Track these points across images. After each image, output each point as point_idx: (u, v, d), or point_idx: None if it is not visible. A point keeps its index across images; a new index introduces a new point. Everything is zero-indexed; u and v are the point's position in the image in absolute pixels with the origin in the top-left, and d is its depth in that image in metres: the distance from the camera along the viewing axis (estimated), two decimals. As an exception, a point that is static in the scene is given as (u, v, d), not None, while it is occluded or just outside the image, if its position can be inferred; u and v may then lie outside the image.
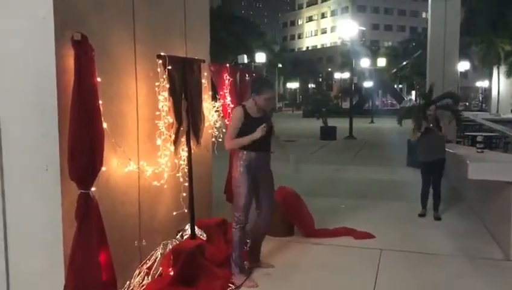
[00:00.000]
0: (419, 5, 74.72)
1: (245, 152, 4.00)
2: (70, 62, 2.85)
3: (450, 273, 4.42)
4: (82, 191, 2.84)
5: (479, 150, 5.99)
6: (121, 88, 3.59)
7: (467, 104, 46.20)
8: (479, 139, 6.42)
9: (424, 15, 63.27)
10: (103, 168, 3.01)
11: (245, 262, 4.27)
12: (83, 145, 2.78)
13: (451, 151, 6.53)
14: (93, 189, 2.89)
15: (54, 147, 2.87)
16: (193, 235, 4.33)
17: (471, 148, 6.54)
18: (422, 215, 6.35)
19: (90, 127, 2.82)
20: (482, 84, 48.95)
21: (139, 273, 3.75)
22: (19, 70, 2.93)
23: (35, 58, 2.88)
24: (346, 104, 34.26)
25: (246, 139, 3.94)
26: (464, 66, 31.83)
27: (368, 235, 5.41)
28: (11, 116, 2.97)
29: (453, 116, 8.10)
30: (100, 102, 2.93)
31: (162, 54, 3.94)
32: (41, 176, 2.92)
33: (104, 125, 2.99)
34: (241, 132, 3.96)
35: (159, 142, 3.97)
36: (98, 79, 2.94)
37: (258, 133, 3.89)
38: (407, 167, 10.69)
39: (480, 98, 53.07)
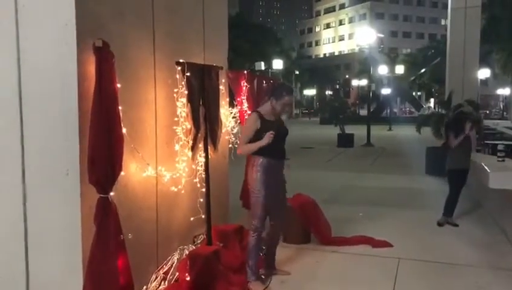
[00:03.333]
0: (438, 12, 74.22)
1: (260, 159, 3.99)
2: (91, 68, 2.89)
3: (470, 284, 4.33)
4: (101, 195, 2.87)
5: (500, 159, 5.88)
6: (140, 94, 3.63)
7: (487, 112, 45.46)
8: (500, 147, 6.31)
9: (443, 22, 62.74)
10: (122, 173, 3.04)
11: (260, 270, 4.25)
12: (102, 150, 2.81)
13: (471, 160, 6.43)
14: (112, 193, 2.92)
15: (74, 151, 2.91)
16: (209, 241, 4.33)
17: (491, 157, 6.44)
18: (441, 224, 6.24)
19: (110, 132, 2.86)
20: (502, 92, 48.21)
21: (156, 278, 3.77)
22: (42, 76, 2.99)
23: (57, 65, 2.93)
24: (363, 112, 34.07)
25: (254, 146, 3.94)
26: (484, 73, 31.38)
27: (385, 244, 5.35)
28: (33, 121, 3.02)
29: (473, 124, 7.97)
30: (120, 108, 2.97)
31: (181, 60, 3.98)
32: (61, 180, 2.96)
33: (124, 130, 3.02)
34: (259, 137, 3.95)
35: (177, 147, 4.00)
36: (118, 85, 2.98)
37: (265, 140, 3.88)
38: (425, 175, 10.58)
39: (501, 106, 52.21)
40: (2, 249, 3.15)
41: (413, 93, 49.18)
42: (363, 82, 47.63)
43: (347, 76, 64.28)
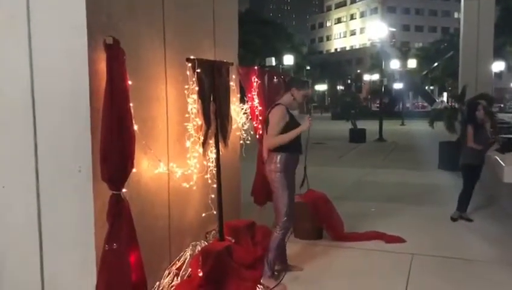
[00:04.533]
0: (451, 4, 73.12)
1: (279, 155, 3.98)
2: (102, 66, 2.90)
3: (484, 280, 4.29)
4: (113, 192, 2.89)
5: (515, 153, 5.79)
6: (151, 91, 3.64)
7: (502, 105, 44.81)
8: (515, 141, 6.22)
9: (456, 15, 61.91)
10: (134, 170, 3.05)
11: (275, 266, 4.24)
12: (114, 147, 2.82)
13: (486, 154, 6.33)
14: (124, 190, 2.93)
15: (86, 148, 2.93)
16: (221, 236, 4.34)
17: (506, 151, 6.35)
18: (455, 219, 6.18)
19: (122, 129, 2.87)
20: (517, 85, 47.42)
21: (169, 274, 3.79)
22: (53, 74, 3.00)
23: (69, 63, 2.94)
24: (376, 106, 33.82)
25: (293, 133, 3.94)
26: (498, 66, 30.86)
27: (398, 240, 5.31)
28: (46, 119, 3.05)
29: (488, 118, 7.86)
30: (131, 105, 2.98)
31: (192, 57, 3.98)
32: (74, 177, 2.98)
33: (135, 127, 3.03)
34: (287, 130, 3.96)
35: (188, 144, 4.00)
36: (129, 82, 2.98)
37: (306, 124, 3.93)
38: (438, 170, 10.48)
39: (516, 100, 51.44)
40: (17, 246, 3.19)
41: (426, 88, 48.63)
42: (375, 77, 47.25)
43: (359, 71, 63.77)
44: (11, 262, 3.21)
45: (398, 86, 41.47)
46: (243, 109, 5.39)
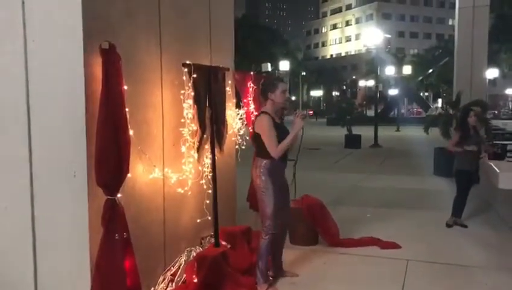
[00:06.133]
0: (445, 12, 73.83)
1: (264, 161, 3.96)
2: (98, 70, 2.90)
3: (480, 285, 4.29)
4: (108, 197, 2.88)
5: (510, 159, 5.82)
6: (147, 96, 3.63)
7: (496, 112, 45.11)
8: (509, 148, 6.25)
9: (450, 22, 62.41)
10: (129, 175, 3.04)
11: (268, 271, 4.23)
12: (109, 152, 2.81)
13: (480, 160, 6.36)
14: (119, 195, 2.92)
15: (81, 153, 2.91)
16: (217, 242, 4.32)
17: (501, 157, 6.39)
18: (450, 225, 6.19)
19: (117, 134, 2.86)
20: (511, 91, 47.77)
21: (163, 279, 3.77)
22: (49, 78, 3.00)
23: (64, 67, 2.94)
24: (371, 112, 33.95)
25: (289, 137, 3.89)
26: (492, 73, 31.06)
27: (394, 245, 5.31)
28: (41, 123, 3.03)
29: (482, 124, 7.91)
30: (127, 110, 2.97)
31: (188, 62, 3.98)
32: (69, 182, 2.97)
33: (130, 132, 3.03)
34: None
35: (183, 149, 4.00)
36: (125, 87, 2.98)
37: (299, 123, 3.86)
38: (433, 176, 10.52)
39: (510, 106, 51.76)
40: (11, 250, 3.16)
41: (421, 94, 48.91)
42: (370, 83, 47.47)
43: (354, 77, 64.05)
44: (4, 267, 3.18)
45: (393, 92, 41.68)
46: (238, 114, 5.39)
